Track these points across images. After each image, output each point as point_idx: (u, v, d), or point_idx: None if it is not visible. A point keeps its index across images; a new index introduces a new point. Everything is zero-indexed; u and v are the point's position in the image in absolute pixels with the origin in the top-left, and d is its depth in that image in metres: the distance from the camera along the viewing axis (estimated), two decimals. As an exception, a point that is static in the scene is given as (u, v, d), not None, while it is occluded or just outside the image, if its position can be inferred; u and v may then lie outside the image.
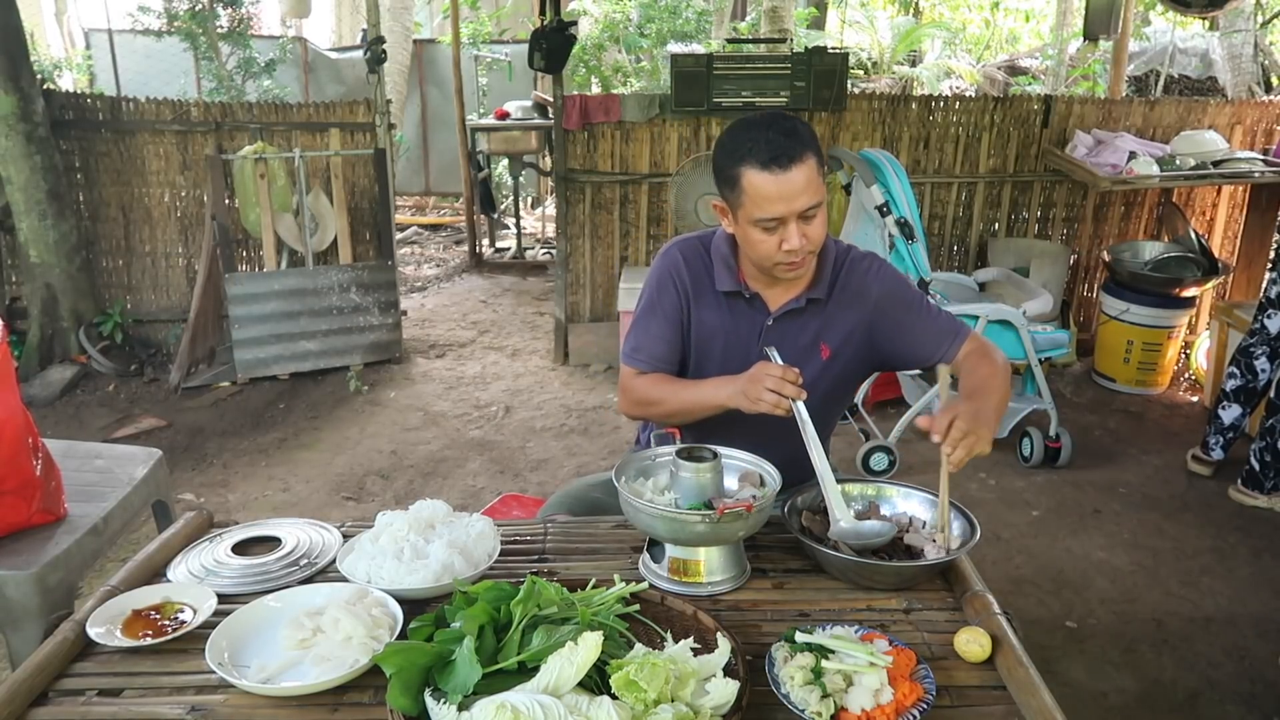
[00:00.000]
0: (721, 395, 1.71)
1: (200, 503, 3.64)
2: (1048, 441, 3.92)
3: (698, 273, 1.88)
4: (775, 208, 1.67)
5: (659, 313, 1.89)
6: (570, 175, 5.00)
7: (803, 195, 1.66)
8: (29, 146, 4.66)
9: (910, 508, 1.69)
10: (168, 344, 5.16)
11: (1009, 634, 1.37)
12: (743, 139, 1.69)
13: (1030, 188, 5.18)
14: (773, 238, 1.71)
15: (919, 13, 13.93)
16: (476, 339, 5.69)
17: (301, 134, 5.05)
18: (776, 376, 1.59)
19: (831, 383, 1.89)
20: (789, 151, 1.65)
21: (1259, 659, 2.71)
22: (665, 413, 1.85)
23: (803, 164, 1.65)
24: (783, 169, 1.65)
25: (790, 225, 1.69)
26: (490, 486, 3.81)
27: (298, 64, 9.03)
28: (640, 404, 1.90)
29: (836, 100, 4.86)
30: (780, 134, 1.66)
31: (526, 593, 1.31)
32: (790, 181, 1.65)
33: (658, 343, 1.89)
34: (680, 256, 1.90)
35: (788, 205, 1.67)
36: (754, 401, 1.62)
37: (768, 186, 1.66)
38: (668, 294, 1.89)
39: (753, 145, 1.67)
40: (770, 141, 1.65)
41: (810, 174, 1.67)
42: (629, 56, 9.93)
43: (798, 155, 1.65)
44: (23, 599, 2.07)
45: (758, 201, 1.68)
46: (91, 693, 1.31)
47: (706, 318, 1.89)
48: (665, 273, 1.89)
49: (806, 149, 1.67)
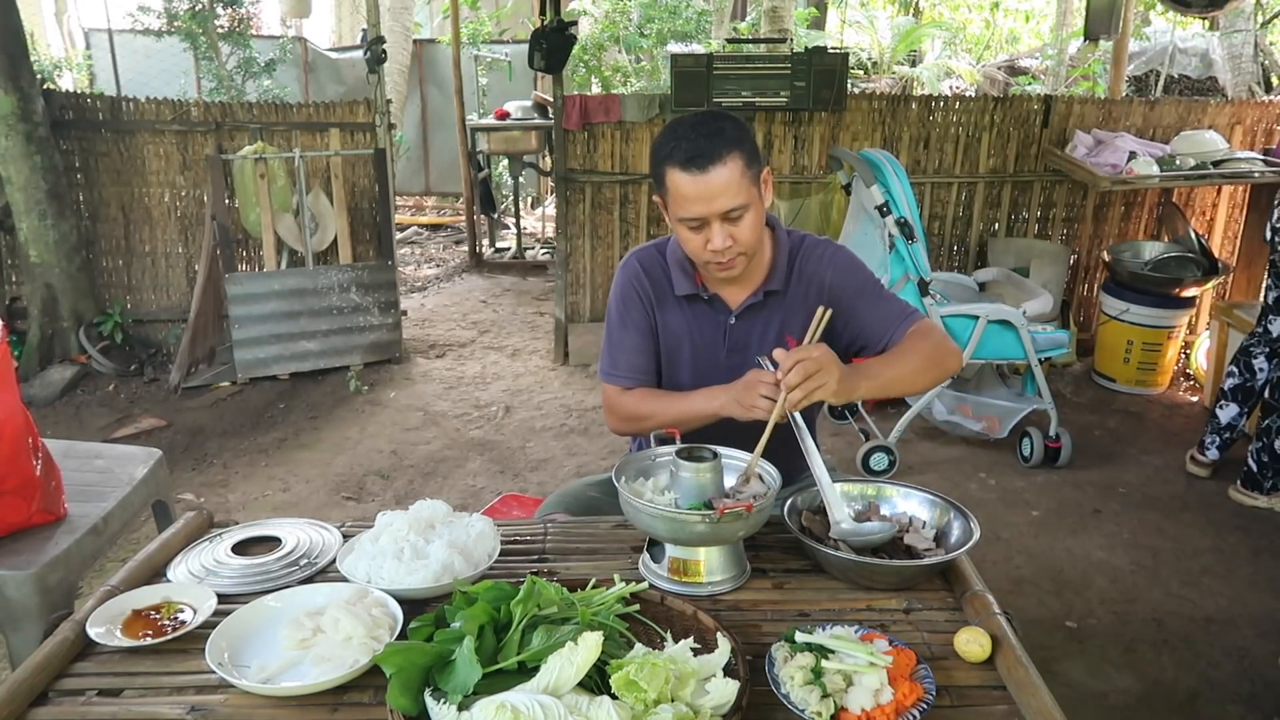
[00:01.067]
0: (714, 405, 1.72)
1: (200, 503, 3.64)
2: (1048, 441, 3.92)
3: (657, 279, 1.90)
4: (695, 208, 1.68)
5: (629, 325, 1.91)
6: (570, 175, 5.00)
7: (722, 196, 1.67)
8: (29, 146, 4.67)
9: (910, 508, 1.69)
10: (168, 344, 5.16)
11: (1009, 634, 1.37)
12: (669, 137, 1.71)
13: (1030, 188, 5.18)
14: (699, 236, 1.72)
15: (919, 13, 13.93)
16: (476, 339, 5.69)
17: (301, 134, 5.05)
18: (770, 384, 1.59)
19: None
20: (707, 153, 1.65)
21: (1259, 659, 2.71)
22: (656, 425, 1.84)
23: (722, 165, 1.65)
24: (700, 170, 1.65)
25: (713, 225, 1.70)
26: (490, 486, 3.81)
27: (298, 64, 9.04)
28: (629, 420, 1.90)
29: (836, 100, 4.86)
30: (702, 135, 1.67)
31: (526, 593, 1.31)
32: (708, 183, 1.66)
33: (634, 354, 1.91)
34: (639, 266, 1.91)
35: (707, 206, 1.68)
36: (748, 409, 1.62)
37: (686, 187, 1.67)
38: (634, 305, 1.90)
39: (675, 145, 1.68)
40: (691, 142, 1.66)
41: (732, 176, 1.66)
42: (629, 56, 9.94)
43: (717, 156, 1.65)
44: (23, 599, 2.07)
45: (679, 201, 1.70)
46: (91, 693, 1.30)
47: (671, 323, 1.90)
48: (628, 284, 1.91)
49: (729, 150, 1.66)
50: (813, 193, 5.01)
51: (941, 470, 3.93)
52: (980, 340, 3.75)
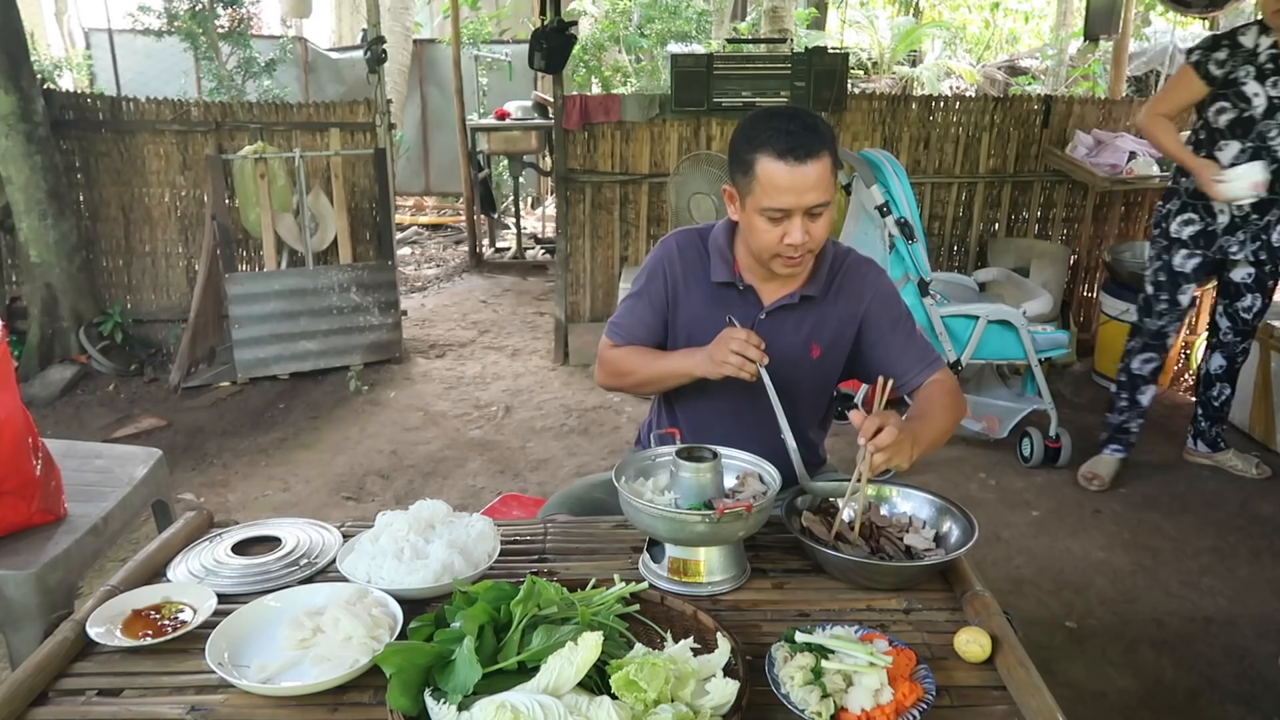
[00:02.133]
0: (689, 363, 1.77)
1: (200, 503, 3.64)
2: (1048, 441, 3.92)
3: (691, 263, 1.91)
4: (784, 199, 1.68)
5: (645, 298, 1.94)
6: (570, 175, 5.00)
7: (813, 191, 1.68)
8: (29, 146, 4.66)
9: (910, 508, 1.69)
10: (168, 344, 5.16)
11: (1009, 634, 1.37)
12: (764, 126, 1.70)
13: (1030, 188, 5.18)
14: (776, 229, 1.72)
15: (919, 13, 13.94)
16: (476, 339, 5.69)
17: (301, 134, 5.05)
18: (741, 340, 1.64)
19: (820, 381, 1.93)
20: (807, 145, 1.66)
21: (1259, 659, 2.71)
22: (636, 382, 1.92)
23: (818, 160, 1.67)
24: (798, 161, 1.66)
25: (796, 219, 1.70)
26: (490, 486, 3.81)
27: (298, 64, 9.04)
28: (615, 374, 1.96)
29: (836, 100, 4.86)
30: (801, 127, 1.67)
31: (526, 593, 1.31)
32: (803, 175, 1.66)
33: (638, 325, 1.94)
34: (676, 247, 1.93)
35: (797, 198, 1.68)
36: (719, 365, 1.67)
37: (780, 176, 1.67)
38: (656, 281, 1.93)
39: (773, 134, 1.68)
40: (790, 133, 1.67)
41: (823, 171, 1.68)
42: (629, 56, 9.94)
43: (815, 150, 1.66)
44: (23, 599, 2.07)
45: (768, 190, 1.69)
46: (91, 693, 1.30)
47: (696, 308, 1.91)
48: (658, 261, 1.94)
49: (824, 147, 1.68)
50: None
51: (941, 470, 3.93)
52: (980, 340, 3.75)
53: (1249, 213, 3.32)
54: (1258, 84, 3.16)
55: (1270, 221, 3.34)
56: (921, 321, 3.78)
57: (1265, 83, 3.16)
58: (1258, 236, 3.37)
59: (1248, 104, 3.19)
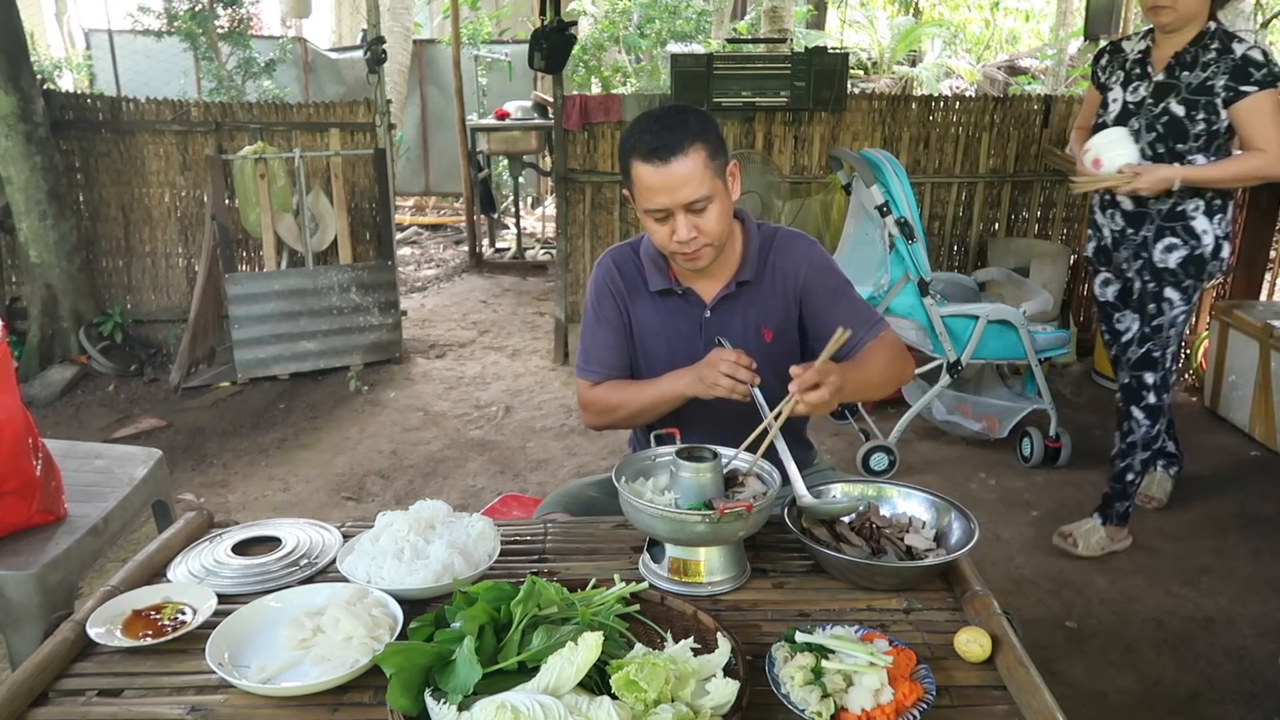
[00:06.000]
0: (680, 385, 1.77)
1: (200, 503, 3.64)
2: (1048, 441, 3.92)
3: (631, 277, 1.94)
4: (658, 199, 1.72)
5: (602, 322, 1.95)
6: (570, 175, 5.00)
7: (685, 188, 1.70)
8: (29, 146, 4.67)
9: (910, 508, 1.69)
10: (168, 344, 5.16)
11: (1009, 634, 1.37)
12: (634, 130, 1.74)
13: (1030, 188, 5.18)
14: (664, 227, 1.76)
15: (919, 13, 13.94)
16: (476, 339, 5.69)
17: (301, 134, 5.05)
18: (730, 361, 1.65)
19: (780, 363, 1.89)
20: (670, 144, 1.68)
21: (1259, 659, 2.71)
22: (628, 415, 1.90)
23: (685, 157, 1.68)
24: (663, 161, 1.68)
25: (679, 216, 1.73)
26: (490, 486, 3.81)
27: (298, 64, 9.04)
28: (603, 413, 1.94)
29: (836, 100, 4.86)
30: (665, 128, 1.70)
31: (526, 593, 1.31)
32: (669, 174, 1.69)
33: (606, 351, 1.95)
34: (612, 264, 1.96)
35: (670, 197, 1.71)
36: (710, 386, 1.67)
37: (649, 178, 1.71)
38: (606, 302, 1.95)
39: (639, 137, 1.72)
40: (654, 133, 1.70)
41: (693, 168, 1.69)
42: (629, 56, 9.94)
43: (680, 148, 1.68)
44: (23, 599, 2.07)
45: (643, 192, 1.74)
46: (91, 693, 1.30)
47: (646, 319, 1.93)
48: (601, 282, 1.96)
49: (692, 142, 1.69)
50: (813, 193, 5.01)
51: (941, 470, 3.93)
52: (980, 340, 3.75)
53: (1124, 227, 3.02)
54: (1120, 89, 2.97)
55: (1147, 237, 2.97)
56: (922, 321, 3.78)
57: (1127, 88, 2.96)
58: (1138, 254, 3.01)
59: (1105, 109, 3.01)
